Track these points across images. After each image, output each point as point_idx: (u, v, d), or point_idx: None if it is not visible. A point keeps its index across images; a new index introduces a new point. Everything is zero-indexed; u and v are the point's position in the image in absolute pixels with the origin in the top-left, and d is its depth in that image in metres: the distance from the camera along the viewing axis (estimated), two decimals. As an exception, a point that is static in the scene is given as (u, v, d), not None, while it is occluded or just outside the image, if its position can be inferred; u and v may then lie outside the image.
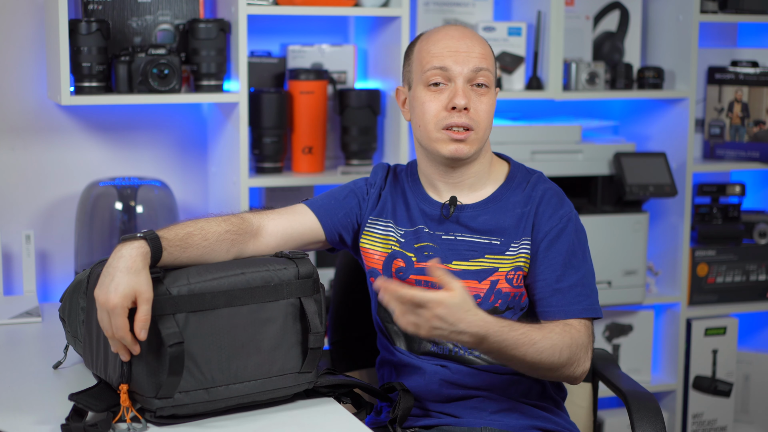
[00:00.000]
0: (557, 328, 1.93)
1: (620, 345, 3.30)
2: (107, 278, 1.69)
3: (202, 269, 1.79)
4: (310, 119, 2.90)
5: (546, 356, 1.89)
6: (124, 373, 1.73)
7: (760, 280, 3.41)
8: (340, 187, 2.16)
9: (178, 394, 1.73)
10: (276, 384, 1.84)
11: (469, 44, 2.01)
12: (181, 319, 1.73)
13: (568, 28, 3.18)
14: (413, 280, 2.04)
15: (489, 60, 2.03)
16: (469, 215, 2.04)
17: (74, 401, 1.75)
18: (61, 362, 2.05)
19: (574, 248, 2.01)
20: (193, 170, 3.02)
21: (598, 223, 3.09)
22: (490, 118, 2.03)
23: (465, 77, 1.99)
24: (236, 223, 1.92)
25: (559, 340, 1.91)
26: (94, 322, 1.83)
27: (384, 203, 2.12)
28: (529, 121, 3.18)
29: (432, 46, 2.02)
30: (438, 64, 1.99)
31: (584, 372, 1.97)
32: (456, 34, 2.03)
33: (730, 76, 3.37)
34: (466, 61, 1.99)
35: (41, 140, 2.87)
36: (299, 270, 1.86)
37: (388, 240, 2.09)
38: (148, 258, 1.72)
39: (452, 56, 1.99)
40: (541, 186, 2.06)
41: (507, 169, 2.11)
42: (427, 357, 2.05)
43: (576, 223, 2.04)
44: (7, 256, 2.83)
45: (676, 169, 3.23)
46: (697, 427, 3.35)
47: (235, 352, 1.79)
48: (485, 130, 2.02)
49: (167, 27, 2.80)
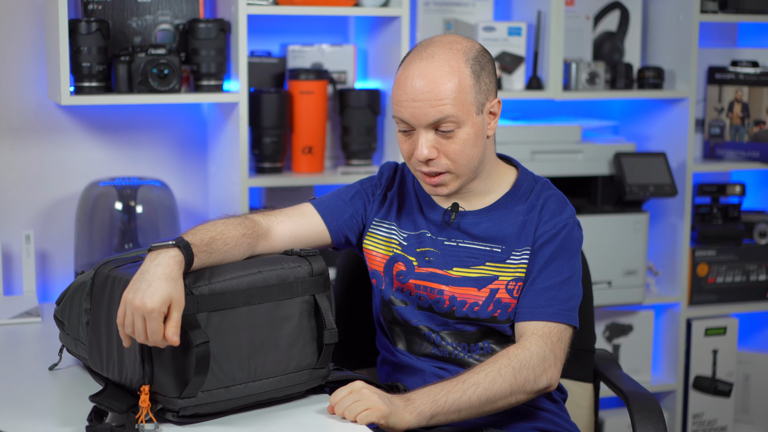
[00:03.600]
0: (490, 359, 1.90)
1: (620, 345, 3.30)
2: (144, 284, 1.69)
3: (220, 269, 1.81)
4: (310, 119, 2.90)
5: (485, 391, 1.86)
6: (146, 374, 1.73)
7: (760, 280, 3.41)
8: (346, 186, 2.16)
9: (200, 393, 1.75)
10: (293, 380, 1.86)
11: (426, 93, 1.92)
12: (203, 319, 1.75)
13: (568, 28, 3.18)
14: (413, 285, 2.05)
15: (453, 101, 1.92)
16: (470, 222, 2.04)
17: (95, 403, 1.76)
18: (57, 364, 2.05)
19: (558, 253, 1.99)
20: (193, 170, 3.02)
21: (598, 223, 3.09)
22: (467, 150, 1.95)
23: (425, 128, 1.94)
24: (249, 226, 1.94)
25: (493, 367, 1.88)
26: (103, 325, 1.84)
27: (390, 205, 2.12)
28: (529, 121, 3.18)
29: (397, 90, 1.97)
30: (398, 115, 1.96)
31: (550, 381, 1.93)
32: (416, 78, 1.93)
33: (730, 76, 3.37)
34: (424, 115, 1.92)
35: (41, 140, 2.87)
36: (312, 267, 1.89)
37: (390, 243, 2.09)
38: (182, 266, 1.73)
39: (410, 109, 1.93)
40: (545, 193, 2.05)
41: (514, 176, 2.09)
42: (426, 358, 2.06)
43: (571, 230, 2.02)
44: (7, 256, 2.83)
45: (676, 169, 3.23)
46: (697, 427, 3.35)
47: (255, 350, 1.81)
48: (465, 165, 1.97)
49: (167, 27, 2.80)
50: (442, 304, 2.03)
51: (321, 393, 1.94)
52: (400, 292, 2.07)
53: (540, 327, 1.95)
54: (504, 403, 1.90)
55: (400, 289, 2.06)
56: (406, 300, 2.06)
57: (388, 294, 2.08)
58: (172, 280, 1.70)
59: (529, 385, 1.90)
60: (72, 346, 2.00)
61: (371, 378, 2.07)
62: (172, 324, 1.69)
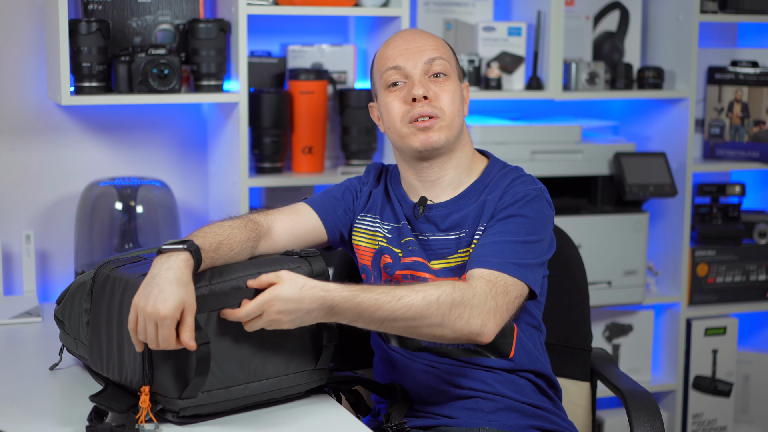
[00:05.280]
0: (438, 281, 1.85)
1: (620, 345, 3.30)
2: (155, 289, 1.68)
3: (220, 270, 1.81)
4: (310, 119, 2.90)
5: (418, 309, 1.79)
6: (146, 374, 1.73)
7: (760, 280, 3.41)
8: (335, 185, 2.19)
9: (200, 394, 1.75)
10: (292, 381, 1.87)
11: (419, 41, 2.05)
12: (203, 319, 1.75)
13: (568, 28, 3.18)
14: (399, 276, 2.06)
15: (443, 50, 2.06)
16: (439, 214, 2.05)
17: (95, 403, 1.76)
18: (57, 364, 2.05)
19: (518, 219, 1.95)
20: (193, 170, 3.03)
21: (598, 223, 3.09)
22: (456, 105, 2.02)
23: (420, 70, 2.02)
24: (252, 228, 1.94)
25: (435, 290, 1.80)
26: (103, 325, 1.84)
27: (374, 201, 2.14)
28: (529, 121, 3.18)
29: (384, 50, 2.08)
30: (392, 65, 2.04)
31: (482, 327, 1.82)
32: (406, 35, 2.08)
33: (730, 76, 3.37)
34: (418, 55, 2.03)
35: (41, 140, 2.87)
36: (312, 268, 1.89)
37: (375, 236, 2.11)
38: (192, 269, 1.73)
39: (404, 54, 2.03)
40: (512, 174, 2.05)
41: (484, 166, 2.11)
42: (420, 354, 2.06)
43: (533, 199, 1.98)
44: (7, 256, 2.83)
45: (676, 169, 3.23)
46: (697, 427, 3.35)
47: (254, 350, 1.81)
48: (453, 116, 2.02)
49: (167, 27, 2.80)
50: None
51: (321, 393, 1.94)
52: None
53: (487, 273, 1.89)
54: (427, 332, 1.83)
55: (388, 281, 2.07)
56: None
57: None
58: (183, 285, 1.69)
59: (459, 323, 1.81)
60: (72, 346, 2.00)
61: (370, 378, 2.08)
62: (187, 329, 1.68)
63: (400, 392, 2.02)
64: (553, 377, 2.11)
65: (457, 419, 2.01)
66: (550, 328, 2.21)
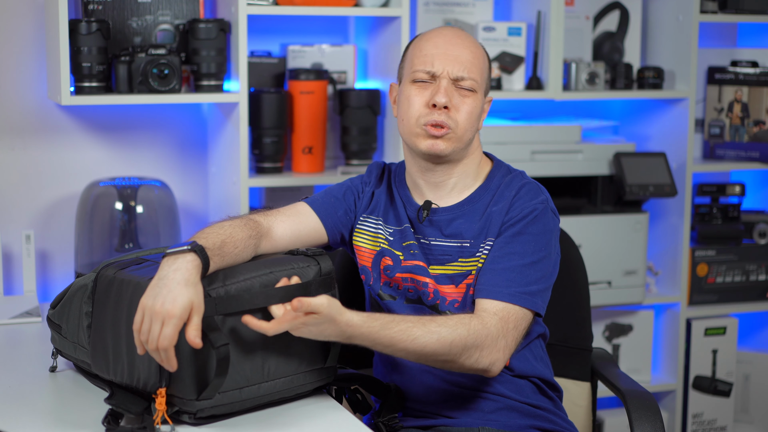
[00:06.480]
0: (453, 320, 1.87)
1: (620, 345, 3.30)
2: (164, 289, 1.69)
3: (232, 271, 1.82)
4: (310, 119, 2.90)
5: (432, 350, 1.84)
6: (164, 376, 1.73)
7: (760, 280, 3.41)
8: (336, 185, 2.18)
9: (216, 395, 1.75)
10: (303, 380, 1.88)
11: (459, 48, 2.02)
12: (219, 321, 1.75)
13: (568, 28, 3.18)
14: (399, 278, 2.06)
15: (477, 68, 2.02)
16: (443, 219, 2.05)
17: (111, 405, 1.75)
18: (56, 367, 2.04)
19: (522, 236, 1.98)
20: (193, 170, 3.03)
21: (598, 223, 3.09)
22: (471, 120, 2.02)
23: (449, 78, 2.00)
24: (253, 227, 1.94)
25: (449, 333, 1.84)
26: (109, 327, 1.83)
27: (376, 202, 2.14)
28: (529, 121, 3.18)
29: (424, 44, 2.04)
30: (424, 65, 2.01)
31: (491, 364, 1.89)
32: (449, 36, 2.04)
33: (730, 76, 3.37)
34: (453, 64, 2.00)
35: (41, 140, 2.87)
36: (321, 267, 1.91)
37: (377, 238, 2.10)
38: (200, 270, 1.74)
39: (440, 58, 2.01)
40: (517, 183, 2.05)
41: (489, 169, 2.11)
42: None
43: (540, 214, 2.00)
44: (7, 256, 2.83)
45: (676, 169, 3.23)
46: (697, 427, 3.35)
47: (268, 350, 1.82)
48: (465, 131, 2.01)
49: (167, 27, 2.80)
50: (428, 297, 2.04)
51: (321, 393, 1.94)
52: (388, 287, 2.08)
53: (500, 308, 1.92)
54: (435, 364, 1.90)
55: (387, 283, 2.08)
56: (395, 294, 2.07)
57: (376, 289, 2.09)
58: (191, 285, 1.70)
59: (469, 362, 1.88)
60: (71, 350, 1.97)
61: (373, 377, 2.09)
62: (193, 327, 1.69)
63: (394, 391, 2.03)
64: (553, 381, 2.11)
65: (456, 419, 2.02)
66: (550, 328, 2.21)
